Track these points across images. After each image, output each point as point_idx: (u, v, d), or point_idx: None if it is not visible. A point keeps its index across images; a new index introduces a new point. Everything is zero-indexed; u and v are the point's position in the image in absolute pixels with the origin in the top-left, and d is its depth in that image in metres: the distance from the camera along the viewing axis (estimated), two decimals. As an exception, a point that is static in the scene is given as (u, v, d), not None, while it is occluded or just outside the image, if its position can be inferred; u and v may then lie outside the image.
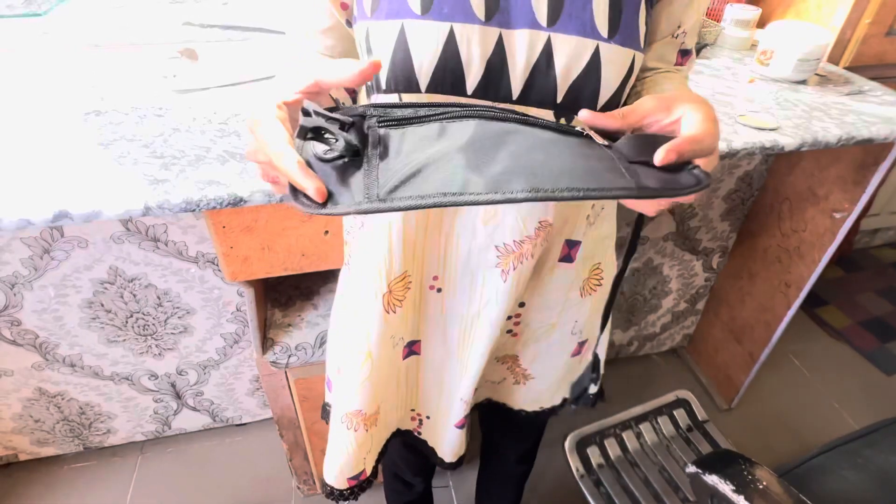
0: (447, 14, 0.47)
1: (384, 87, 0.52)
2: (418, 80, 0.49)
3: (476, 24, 0.47)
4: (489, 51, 0.48)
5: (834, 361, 1.80)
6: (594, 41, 0.48)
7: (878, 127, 0.96)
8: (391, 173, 0.37)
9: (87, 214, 0.66)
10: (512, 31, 0.48)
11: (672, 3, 0.54)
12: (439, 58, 0.48)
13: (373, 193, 0.36)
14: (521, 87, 0.50)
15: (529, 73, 0.49)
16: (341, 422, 0.74)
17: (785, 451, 1.52)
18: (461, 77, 0.49)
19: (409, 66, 0.49)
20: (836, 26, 1.23)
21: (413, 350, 0.71)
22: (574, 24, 0.47)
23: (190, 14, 1.27)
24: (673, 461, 1.26)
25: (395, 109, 0.41)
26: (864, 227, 2.15)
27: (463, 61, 0.48)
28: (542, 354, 0.75)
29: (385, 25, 0.49)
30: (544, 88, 0.50)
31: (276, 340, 1.01)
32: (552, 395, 0.83)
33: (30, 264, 1.02)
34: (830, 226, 1.21)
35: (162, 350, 1.24)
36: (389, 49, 0.49)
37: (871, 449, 0.82)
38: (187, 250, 1.08)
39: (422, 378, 0.75)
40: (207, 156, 0.77)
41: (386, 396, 0.74)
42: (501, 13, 0.47)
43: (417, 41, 0.48)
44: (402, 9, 0.48)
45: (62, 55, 1.05)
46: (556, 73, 0.49)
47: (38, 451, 1.35)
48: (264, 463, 1.41)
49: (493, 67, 0.49)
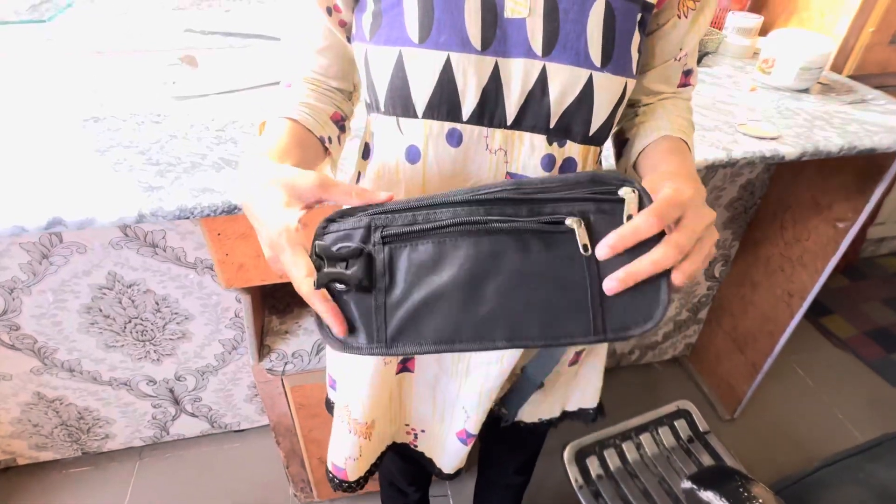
0: (444, 43, 0.47)
1: (382, 109, 0.54)
2: (415, 106, 0.51)
3: (472, 53, 0.48)
4: (485, 79, 0.49)
5: (838, 372, 1.78)
6: (588, 70, 0.49)
7: (880, 136, 0.95)
8: (396, 312, 0.43)
9: (80, 221, 0.66)
10: (508, 60, 0.49)
11: (675, 28, 0.54)
12: (436, 85, 0.49)
13: (381, 337, 0.43)
14: (515, 113, 0.51)
15: (524, 101, 0.50)
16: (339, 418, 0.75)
17: (788, 463, 1.50)
18: (457, 104, 0.50)
19: (406, 92, 0.50)
20: (839, 34, 1.22)
21: (406, 367, 0.71)
22: (568, 54, 0.48)
23: (192, 21, 1.28)
24: (673, 473, 1.24)
25: (394, 215, 0.44)
26: (870, 236, 2.13)
27: (459, 89, 0.49)
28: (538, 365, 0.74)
29: (383, 51, 0.50)
30: (538, 115, 0.51)
31: (272, 347, 1.01)
32: (551, 407, 0.82)
33: (28, 269, 1.02)
34: (834, 235, 1.20)
35: (160, 355, 1.24)
36: (387, 74, 0.50)
37: (873, 463, 0.80)
38: (185, 256, 1.08)
39: (414, 394, 0.75)
40: (203, 163, 0.77)
41: (380, 412, 0.74)
42: (498, 42, 0.48)
43: (415, 69, 0.49)
44: (400, 36, 0.49)
45: (64, 61, 1.05)
46: (550, 101, 0.50)
47: (37, 455, 1.35)
48: (262, 469, 1.41)
49: (489, 95, 0.50)
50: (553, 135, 0.52)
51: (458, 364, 0.69)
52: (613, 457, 1.27)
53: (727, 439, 1.44)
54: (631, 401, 1.60)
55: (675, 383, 1.71)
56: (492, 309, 0.42)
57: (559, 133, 0.52)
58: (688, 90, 0.62)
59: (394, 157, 0.55)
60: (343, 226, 0.44)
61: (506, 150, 0.53)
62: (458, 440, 0.77)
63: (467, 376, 0.69)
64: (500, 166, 0.53)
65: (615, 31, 0.49)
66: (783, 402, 1.67)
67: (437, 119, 0.51)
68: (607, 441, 1.29)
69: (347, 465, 0.78)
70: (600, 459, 1.26)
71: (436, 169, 0.54)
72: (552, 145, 0.53)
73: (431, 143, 0.52)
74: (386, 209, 0.44)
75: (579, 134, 0.53)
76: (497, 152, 0.53)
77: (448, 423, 0.77)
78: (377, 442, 0.78)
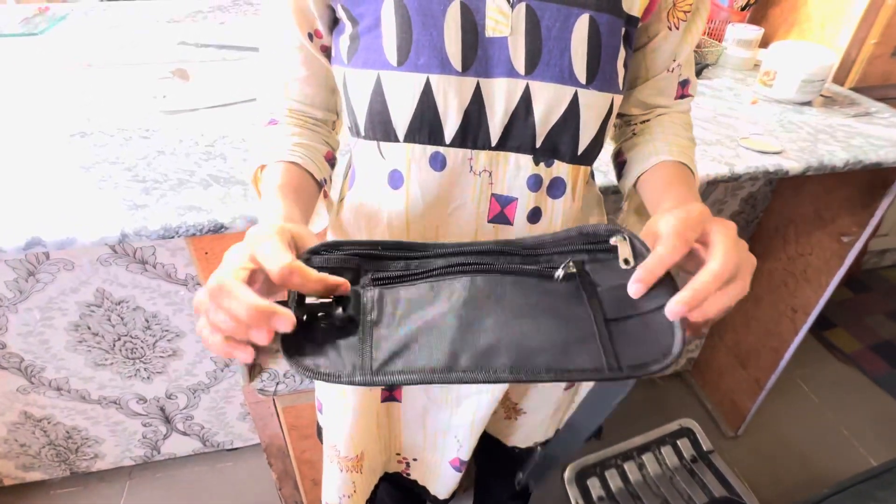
0: (423, 65, 0.46)
1: (363, 133, 0.52)
2: (395, 130, 0.49)
3: (453, 74, 0.46)
4: (466, 100, 0.48)
5: (843, 387, 1.75)
6: (572, 87, 0.48)
7: (886, 150, 0.93)
8: (384, 342, 0.39)
9: (61, 241, 0.64)
10: (490, 80, 0.47)
11: (666, 41, 0.53)
12: (416, 109, 0.48)
13: (366, 366, 0.37)
14: (499, 134, 0.49)
15: (508, 121, 0.49)
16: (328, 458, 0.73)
17: (793, 482, 1.46)
18: (439, 126, 0.48)
19: (385, 116, 0.49)
20: (840, 46, 1.20)
21: (393, 396, 0.69)
22: (552, 72, 0.47)
23: (186, 33, 1.27)
24: (676, 494, 1.21)
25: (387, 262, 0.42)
26: (872, 248, 2.10)
27: (440, 112, 0.48)
28: (533, 390, 0.72)
29: (361, 74, 0.48)
30: (523, 135, 0.50)
31: (263, 367, 0.98)
32: (546, 430, 0.80)
33: (14, 287, 1.00)
34: (838, 250, 1.18)
35: (150, 373, 1.21)
36: (366, 98, 0.49)
37: (885, 491, 0.77)
38: (176, 272, 1.06)
39: (403, 424, 0.73)
40: (191, 180, 0.75)
41: (368, 442, 0.72)
42: (479, 63, 0.47)
43: (393, 92, 0.47)
44: (378, 59, 0.47)
45: (56, 75, 1.04)
46: (536, 120, 0.49)
47: (24, 475, 1.32)
48: (254, 489, 1.37)
49: (471, 116, 0.48)
50: (539, 154, 0.51)
51: (447, 394, 0.67)
52: (615, 477, 1.24)
53: (731, 457, 1.40)
54: (633, 417, 1.56)
55: (678, 399, 1.68)
56: (493, 339, 0.38)
57: (546, 152, 0.51)
58: (686, 102, 0.60)
59: (376, 182, 0.54)
60: (329, 261, 0.41)
61: (490, 172, 0.51)
62: (451, 468, 0.75)
63: (458, 406, 0.67)
64: (485, 188, 0.52)
65: (600, 47, 0.47)
66: (788, 419, 1.64)
67: (418, 143, 0.49)
68: (609, 461, 1.25)
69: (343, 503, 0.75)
70: (601, 480, 1.23)
71: (419, 194, 0.52)
72: (539, 165, 0.51)
73: (414, 167, 0.51)
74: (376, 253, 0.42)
75: (567, 153, 0.51)
76: (482, 174, 0.51)
77: (441, 451, 0.74)
78: (369, 474, 0.76)
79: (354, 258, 0.41)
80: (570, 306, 0.40)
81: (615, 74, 0.50)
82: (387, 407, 0.70)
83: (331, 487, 0.75)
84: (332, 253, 0.41)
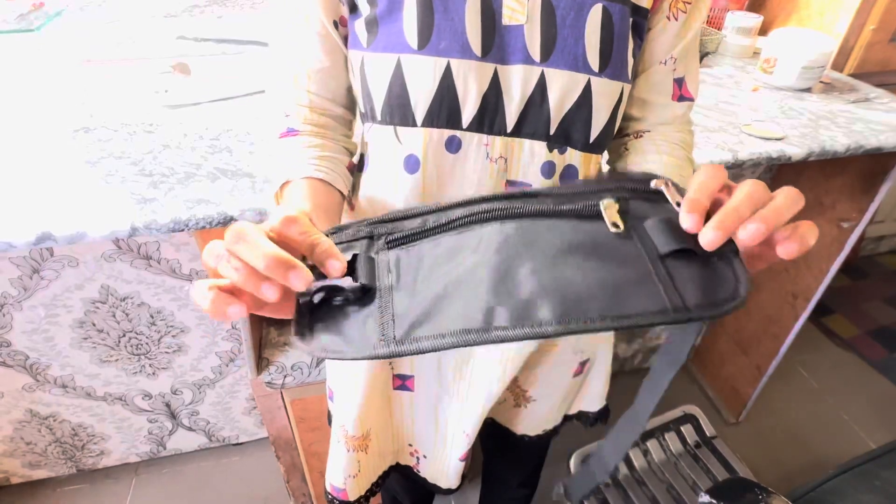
0: (444, 49, 0.47)
1: (379, 118, 0.52)
2: (414, 114, 0.49)
3: (473, 59, 0.47)
4: (485, 86, 0.48)
5: (842, 372, 1.77)
6: (586, 75, 0.48)
7: (886, 135, 0.94)
8: (407, 307, 0.34)
9: (71, 236, 0.64)
10: (507, 67, 0.48)
11: (664, 32, 0.53)
12: (436, 92, 0.48)
13: (389, 335, 0.33)
14: (515, 119, 0.50)
15: (524, 107, 0.49)
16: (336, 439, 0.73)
17: (795, 466, 1.48)
18: (457, 110, 0.49)
19: (405, 99, 0.49)
20: (839, 33, 1.21)
21: (406, 385, 0.69)
22: (566, 59, 0.48)
23: (184, 28, 1.26)
24: (681, 479, 1.22)
25: (401, 223, 0.39)
26: (869, 234, 2.12)
27: (459, 96, 0.48)
28: (542, 377, 0.73)
29: (381, 58, 0.49)
30: (538, 121, 0.50)
31: (271, 360, 0.98)
32: (555, 417, 0.80)
33: (19, 284, 1.00)
34: (838, 235, 1.19)
35: (156, 369, 1.21)
36: (385, 82, 0.49)
37: (888, 470, 0.78)
38: (180, 268, 1.06)
39: (416, 415, 0.73)
40: (198, 173, 0.75)
41: (377, 422, 0.72)
42: (497, 49, 0.47)
43: (414, 76, 0.48)
44: (398, 42, 0.47)
45: (54, 71, 1.03)
46: (550, 107, 0.49)
47: (30, 473, 1.32)
48: (261, 483, 1.38)
49: (489, 101, 0.49)
50: (553, 141, 0.51)
51: (459, 382, 0.67)
52: (620, 464, 1.25)
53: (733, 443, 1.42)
54: (635, 406, 1.58)
55: (680, 387, 1.69)
56: (533, 288, 0.33)
57: (559, 139, 0.51)
58: (684, 106, 0.57)
59: (392, 167, 0.53)
60: (340, 238, 0.39)
61: (506, 158, 0.52)
62: (459, 462, 0.76)
63: (468, 399, 0.67)
64: (500, 174, 0.52)
65: (613, 36, 0.48)
66: (788, 404, 1.66)
67: (436, 126, 0.50)
68: (613, 448, 1.27)
69: (347, 484, 0.75)
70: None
71: (435, 177, 0.52)
72: (552, 152, 0.52)
73: (431, 151, 0.51)
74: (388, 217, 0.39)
75: (580, 141, 0.52)
76: (497, 160, 0.51)
77: (451, 447, 0.75)
78: (377, 457, 0.76)
79: (365, 227, 0.39)
80: (617, 245, 0.35)
81: (625, 64, 0.50)
82: (399, 396, 0.71)
83: (336, 468, 0.76)
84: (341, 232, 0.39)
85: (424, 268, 0.36)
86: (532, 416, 0.79)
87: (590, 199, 0.37)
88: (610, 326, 0.32)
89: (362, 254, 0.37)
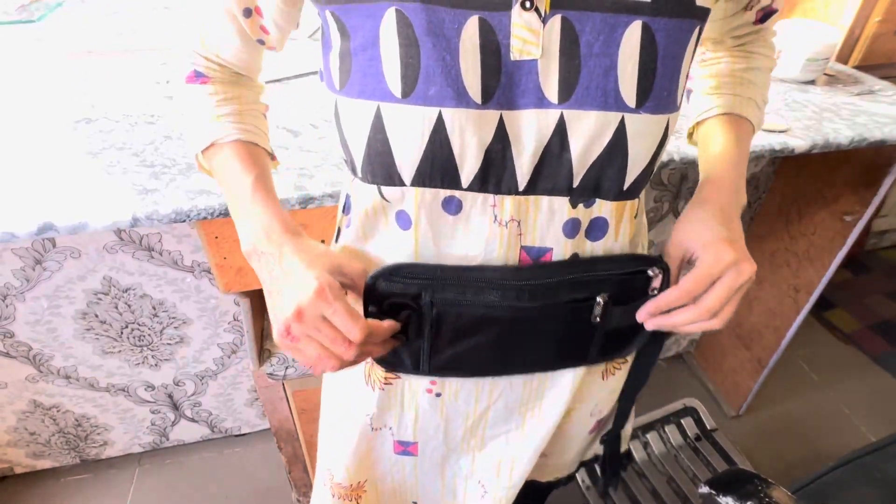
0: (434, 97, 0.38)
1: (360, 175, 0.45)
2: (400, 174, 0.42)
3: (471, 108, 0.38)
4: (488, 139, 0.39)
5: (843, 366, 1.77)
6: (618, 113, 0.39)
7: (890, 128, 0.93)
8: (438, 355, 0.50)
9: (73, 226, 0.64)
10: (515, 113, 0.39)
11: None
12: (426, 149, 0.40)
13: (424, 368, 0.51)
14: (528, 176, 0.42)
15: (539, 160, 0.41)
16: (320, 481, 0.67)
17: (795, 459, 1.48)
18: (453, 170, 0.41)
19: (388, 157, 0.41)
20: (844, 25, 1.20)
21: (408, 451, 0.62)
22: (592, 97, 0.39)
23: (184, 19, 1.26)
24: (681, 471, 1.23)
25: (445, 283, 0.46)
26: (873, 229, 2.11)
27: (455, 153, 0.40)
28: (556, 437, 0.65)
29: (357, 105, 0.40)
30: (557, 175, 0.42)
31: (273, 351, 0.99)
32: (570, 467, 0.75)
33: (22, 275, 1.00)
34: (841, 229, 1.18)
35: (158, 361, 1.21)
36: (363, 135, 0.41)
37: (888, 463, 0.78)
38: (182, 260, 1.06)
39: (419, 474, 0.66)
40: (199, 164, 0.74)
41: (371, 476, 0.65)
42: (502, 91, 0.38)
43: (398, 129, 0.39)
44: (377, 87, 0.39)
45: (55, 62, 1.03)
46: (572, 157, 0.41)
47: (34, 464, 1.33)
48: (263, 474, 1.39)
49: (494, 157, 0.40)
50: (577, 195, 0.43)
51: (469, 440, 0.60)
52: (620, 456, 1.25)
53: (734, 436, 1.42)
54: (636, 398, 1.58)
55: (680, 380, 1.69)
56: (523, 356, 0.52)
57: (585, 193, 0.43)
58: (768, 24, 0.52)
59: (380, 221, 0.47)
60: (392, 288, 0.46)
61: (519, 221, 0.43)
62: None
63: (482, 449, 0.61)
64: (513, 240, 0.44)
65: (656, 61, 0.38)
66: (788, 398, 1.66)
67: (429, 187, 0.42)
68: (614, 441, 1.27)
69: None
70: (607, 459, 1.24)
71: (431, 237, 0.45)
72: (576, 207, 0.43)
73: (424, 212, 0.44)
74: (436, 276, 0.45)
75: (611, 191, 0.43)
76: (509, 224, 0.43)
77: (461, 499, 0.67)
78: None
79: (415, 282, 0.46)
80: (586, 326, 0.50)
81: (674, 90, 0.41)
82: (401, 460, 0.63)
83: None
84: (394, 280, 0.45)
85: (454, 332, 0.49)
86: (545, 469, 0.73)
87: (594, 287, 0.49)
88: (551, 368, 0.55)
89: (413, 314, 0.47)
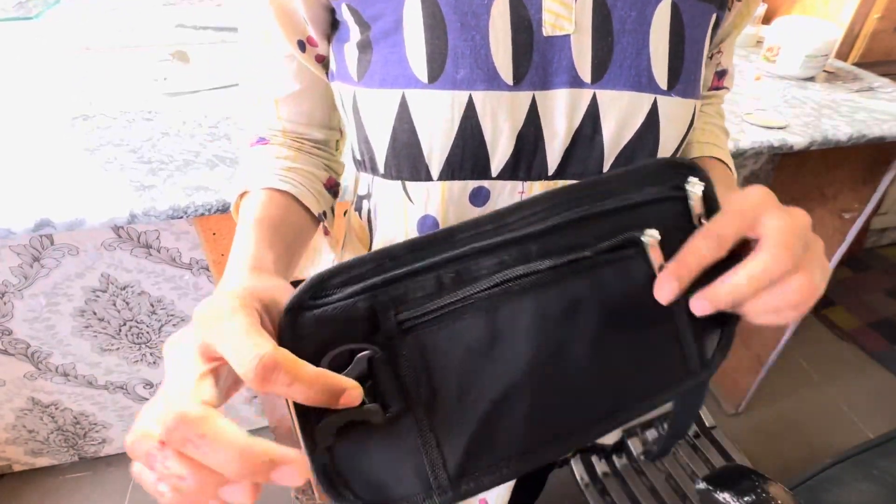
0: (464, 80, 0.35)
1: (382, 171, 0.41)
2: (428, 166, 0.39)
3: (503, 90, 0.36)
4: (520, 122, 0.37)
5: (843, 364, 1.77)
6: (651, 95, 0.38)
7: (890, 124, 0.93)
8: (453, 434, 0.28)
9: (70, 223, 0.64)
10: (548, 93, 0.37)
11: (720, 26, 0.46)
12: (455, 137, 0.37)
13: (442, 478, 0.28)
14: (558, 160, 0.39)
15: (570, 143, 0.39)
16: None
17: (794, 457, 1.49)
18: (485, 157, 0.38)
19: (415, 149, 0.38)
20: (843, 22, 1.20)
21: None
22: (626, 77, 0.37)
23: (183, 16, 1.25)
24: (680, 469, 1.23)
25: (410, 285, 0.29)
26: (872, 226, 2.11)
27: (487, 139, 0.37)
28: None
29: (379, 96, 0.38)
30: (588, 159, 0.40)
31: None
32: None
33: (20, 273, 1.00)
34: (840, 226, 1.18)
35: (157, 358, 1.21)
36: (388, 127, 0.38)
37: (886, 459, 0.78)
38: (180, 257, 1.06)
39: None
40: (196, 160, 0.74)
41: None
42: (535, 70, 0.36)
43: (426, 117, 0.37)
44: (402, 75, 0.36)
45: (53, 59, 1.03)
46: (604, 140, 0.39)
47: (33, 461, 1.33)
48: (263, 472, 1.39)
49: (526, 142, 0.38)
50: None
51: None
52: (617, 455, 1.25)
53: (733, 434, 1.42)
54: (635, 396, 1.58)
55: (679, 378, 1.69)
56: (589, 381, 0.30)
57: None
58: (720, 94, 0.53)
59: (401, 227, 0.44)
60: (325, 312, 0.27)
61: None
62: None
63: None
64: None
65: (683, 42, 0.38)
66: (787, 396, 1.66)
67: (458, 179, 0.39)
68: (613, 438, 1.27)
69: None
70: (606, 457, 1.24)
71: None
72: None
73: (451, 209, 0.41)
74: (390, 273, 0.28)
75: None
76: None
77: None
78: None
79: (359, 296, 0.28)
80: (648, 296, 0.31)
81: (699, 74, 0.40)
82: None
83: None
84: (324, 299, 0.27)
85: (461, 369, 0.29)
86: None
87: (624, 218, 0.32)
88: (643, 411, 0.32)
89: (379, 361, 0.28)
